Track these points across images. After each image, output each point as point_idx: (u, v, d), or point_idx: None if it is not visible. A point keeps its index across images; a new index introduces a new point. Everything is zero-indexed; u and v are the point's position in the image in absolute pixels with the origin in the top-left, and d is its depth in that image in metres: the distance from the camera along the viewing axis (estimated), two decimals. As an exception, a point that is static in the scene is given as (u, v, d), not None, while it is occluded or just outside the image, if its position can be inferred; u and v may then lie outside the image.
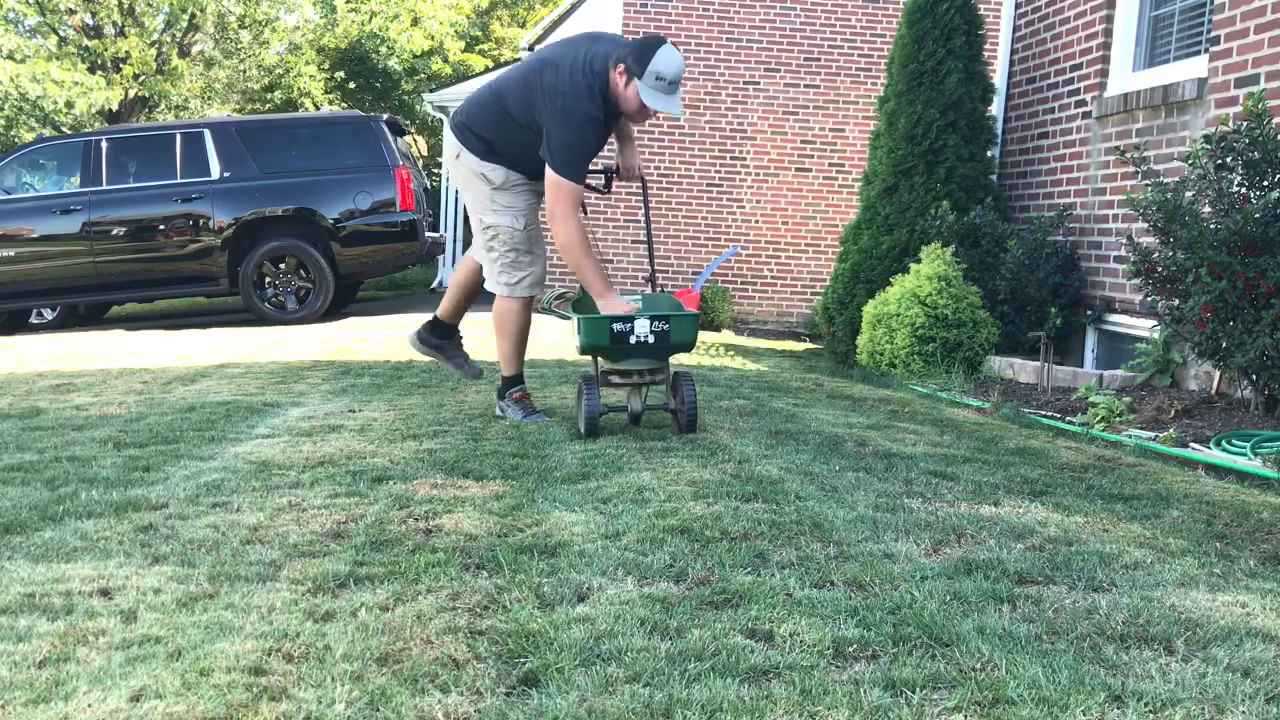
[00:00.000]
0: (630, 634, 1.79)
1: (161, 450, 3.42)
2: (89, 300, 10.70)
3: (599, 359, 3.80)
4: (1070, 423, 4.44)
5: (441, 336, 4.50)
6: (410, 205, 9.96)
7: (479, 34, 24.90)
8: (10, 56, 15.35)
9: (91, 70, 16.22)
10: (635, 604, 1.94)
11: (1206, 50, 5.16)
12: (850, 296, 6.94)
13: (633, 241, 11.82)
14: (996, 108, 7.26)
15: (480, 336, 8.04)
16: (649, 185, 4.35)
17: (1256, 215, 4.02)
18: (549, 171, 3.75)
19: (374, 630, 1.81)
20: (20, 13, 16.14)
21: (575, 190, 3.77)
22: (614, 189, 4.56)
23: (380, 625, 1.83)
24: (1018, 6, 7.32)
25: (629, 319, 3.59)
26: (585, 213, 4.05)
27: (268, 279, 9.81)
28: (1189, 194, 4.32)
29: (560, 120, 3.71)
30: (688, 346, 3.76)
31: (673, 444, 3.55)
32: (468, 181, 4.06)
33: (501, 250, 3.99)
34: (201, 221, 9.79)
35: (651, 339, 3.60)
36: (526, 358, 4.25)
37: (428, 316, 4.59)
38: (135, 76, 16.45)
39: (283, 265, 9.79)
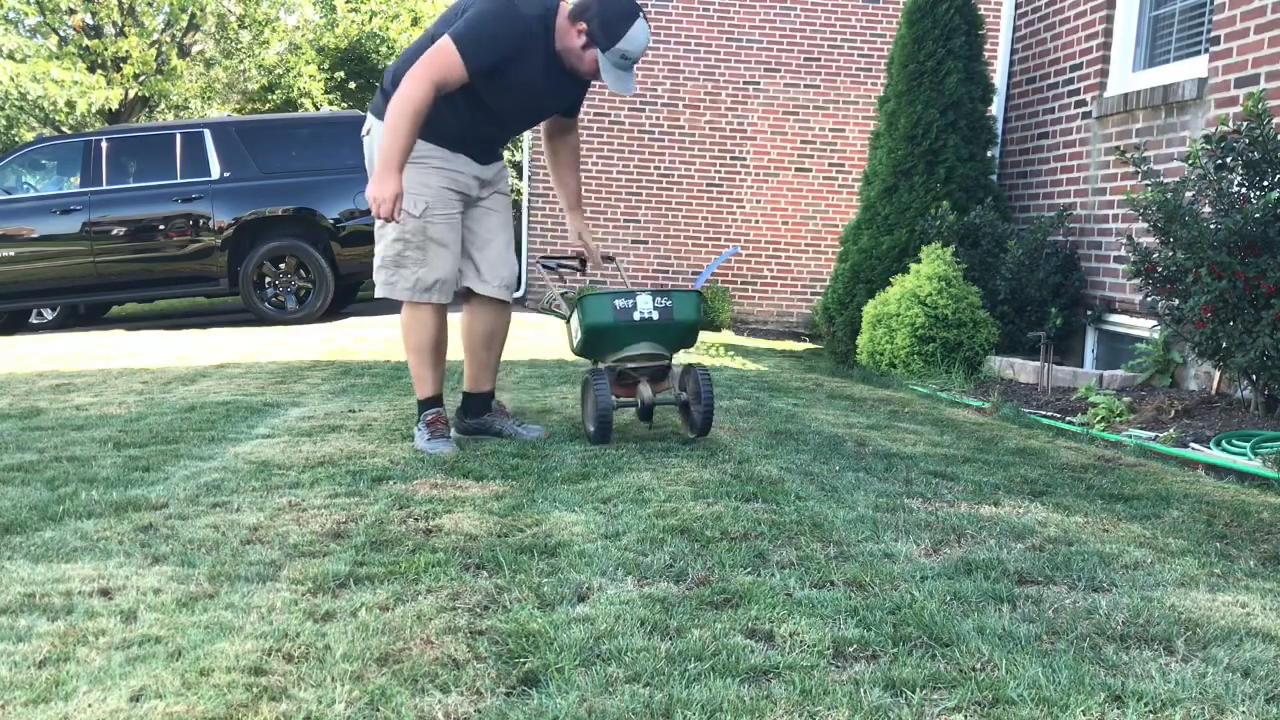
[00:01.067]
0: (630, 634, 1.79)
1: (161, 450, 3.42)
2: (89, 300, 10.70)
3: (598, 359, 3.65)
4: (1070, 423, 4.44)
5: (477, 411, 3.73)
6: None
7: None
8: (10, 56, 15.35)
9: (91, 70, 16.21)
10: (635, 604, 1.94)
11: (1206, 50, 5.16)
12: (850, 296, 6.94)
13: (633, 241, 11.81)
14: (996, 108, 7.26)
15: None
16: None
17: (1256, 215, 4.02)
18: (443, 35, 3.18)
19: (374, 630, 1.81)
20: (21, 12, 16.14)
21: (453, 62, 3.15)
22: (613, 189, 4.43)
23: (380, 625, 1.83)
24: (1018, 6, 7.32)
25: (630, 294, 3.47)
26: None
27: (268, 279, 9.81)
28: (1189, 194, 4.32)
29: (485, 4, 3.21)
30: (692, 329, 3.59)
31: (672, 444, 3.54)
32: (373, 161, 3.36)
33: (388, 239, 3.35)
34: (201, 221, 9.79)
35: (655, 315, 3.48)
36: (529, 357, 4.14)
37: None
38: (135, 76, 16.45)
39: (283, 265, 9.79)
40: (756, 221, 11.99)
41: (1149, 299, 4.59)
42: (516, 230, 19.82)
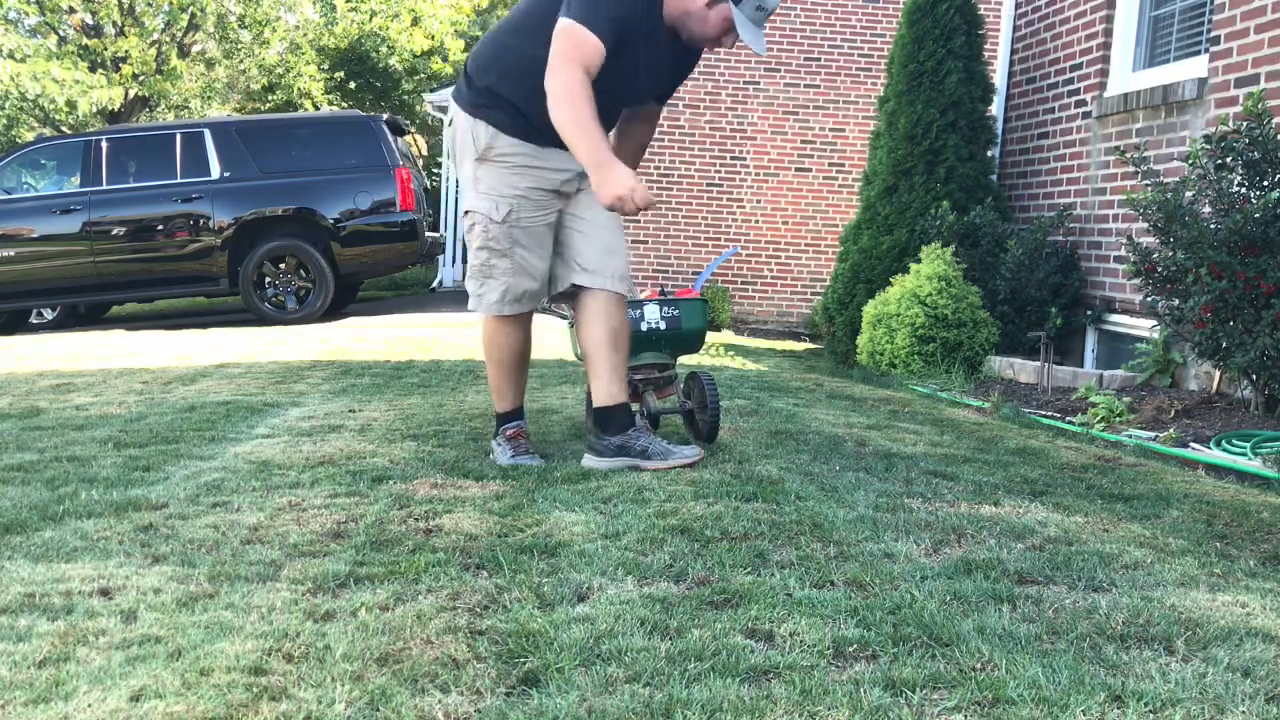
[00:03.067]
0: (630, 634, 1.79)
1: (161, 450, 3.42)
2: (89, 300, 10.71)
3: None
4: (1070, 423, 4.44)
5: (620, 427, 3.15)
6: (410, 205, 9.96)
7: (479, 34, 24.90)
8: (10, 56, 15.35)
9: (92, 69, 16.22)
10: (635, 604, 1.94)
11: (1206, 50, 5.16)
12: (850, 296, 6.94)
13: (633, 241, 11.81)
14: (996, 108, 7.26)
15: (480, 337, 8.02)
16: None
17: (1256, 215, 4.02)
18: (560, 20, 2.89)
19: (374, 630, 1.81)
20: (21, 11, 16.14)
21: (590, 42, 2.86)
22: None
23: (380, 625, 1.83)
24: (1018, 6, 7.32)
25: (638, 304, 3.38)
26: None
27: (268, 279, 9.81)
28: (1189, 194, 4.32)
29: None
30: (699, 336, 3.52)
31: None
32: (458, 156, 3.18)
33: (474, 247, 3.15)
34: (201, 221, 9.79)
35: (663, 324, 3.40)
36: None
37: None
38: (135, 76, 16.45)
39: (283, 265, 9.80)
40: (756, 221, 11.99)
41: (1149, 299, 4.59)
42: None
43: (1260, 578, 2.22)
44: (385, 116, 10.48)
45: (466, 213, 3.16)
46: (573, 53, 2.87)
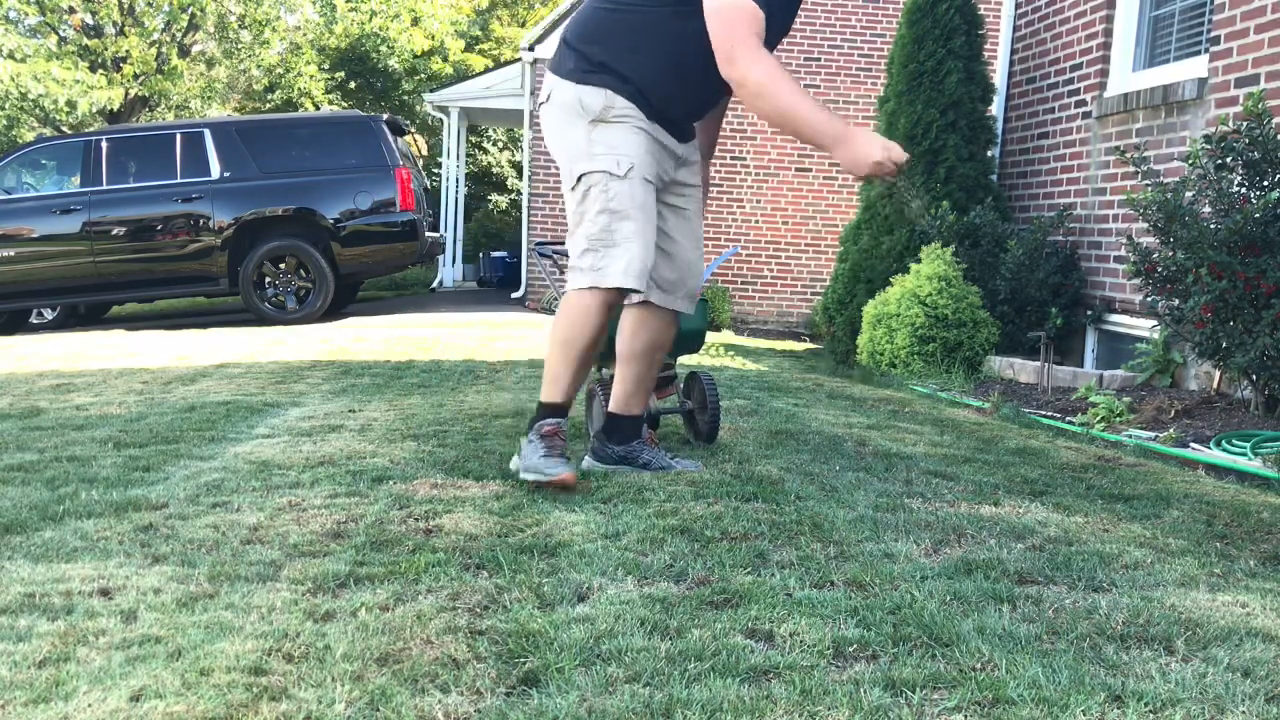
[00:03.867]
0: (630, 634, 1.79)
1: (161, 450, 3.42)
2: (89, 300, 10.71)
3: (602, 366, 3.56)
4: (1070, 423, 4.44)
5: (625, 438, 3.10)
6: (410, 205, 9.97)
7: (479, 33, 24.91)
8: (11, 56, 15.36)
9: (92, 69, 16.23)
10: (635, 604, 1.94)
11: (1206, 50, 5.16)
12: (850, 296, 6.95)
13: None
14: (996, 108, 7.26)
15: (480, 337, 8.03)
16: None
17: (1256, 215, 4.02)
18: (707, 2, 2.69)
19: (374, 630, 1.81)
20: (21, 11, 16.15)
21: (759, 17, 2.68)
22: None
23: (380, 625, 1.83)
24: (1018, 6, 7.32)
25: None
26: None
27: (268, 279, 9.82)
28: (1189, 194, 4.32)
29: None
30: (699, 336, 3.51)
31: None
32: (559, 130, 2.91)
33: (593, 212, 2.81)
34: (201, 221, 9.79)
35: None
36: (528, 357, 3.93)
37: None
38: (135, 76, 16.46)
39: (283, 265, 9.80)
40: (756, 221, 11.99)
41: (1149, 299, 4.59)
42: (515, 232, 19.75)
43: (1260, 578, 2.22)
44: (385, 116, 10.48)
45: (580, 179, 2.83)
46: (751, 30, 2.66)
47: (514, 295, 13.62)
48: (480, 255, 17.89)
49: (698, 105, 2.99)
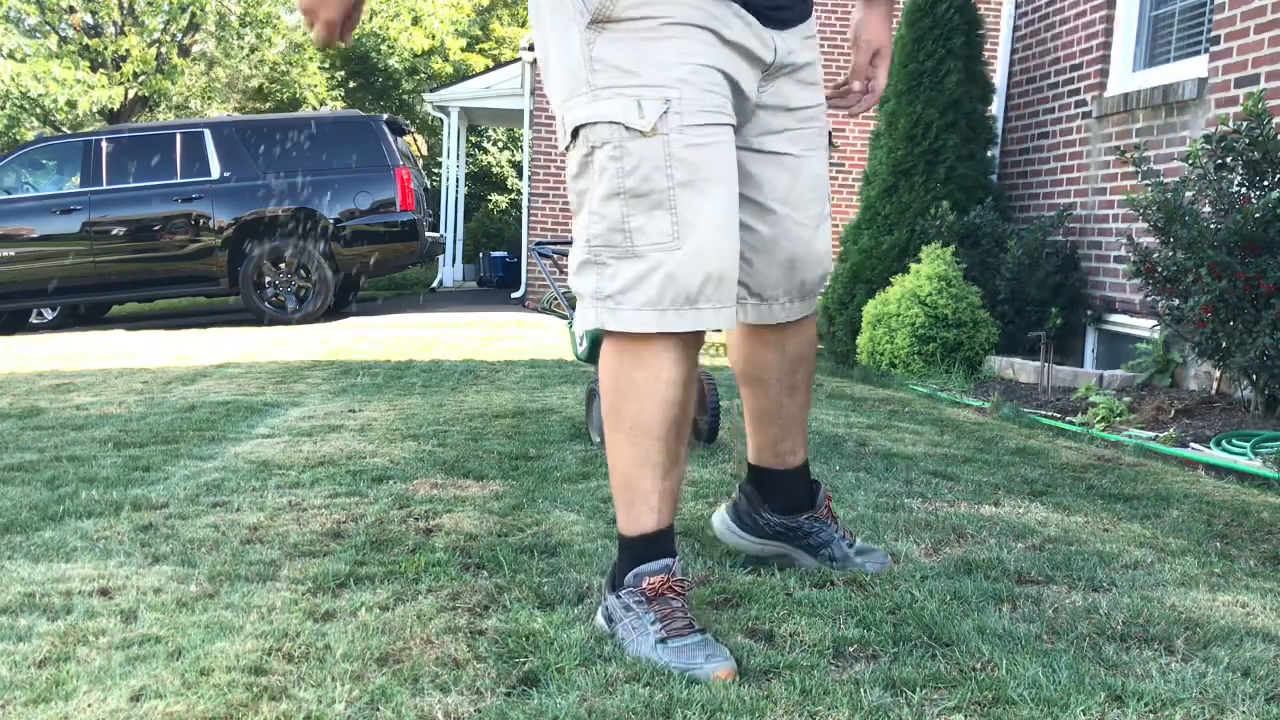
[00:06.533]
0: (630, 634, 1.79)
1: (161, 450, 3.42)
2: (89, 300, 10.71)
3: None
4: (1070, 423, 4.44)
5: (786, 502, 2.12)
6: (410, 205, 9.97)
7: (480, 33, 24.92)
8: (11, 55, 15.36)
9: (93, 69, 16.23)
10: (635, 604, 1.94)
11: (1206, 50, 5.16)
12: (850, 296, 6.94)
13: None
14: (996, 108, 7.26)
15: (480, 337, 8.03)
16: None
17: (1256, 215, 4.02)
18: None
19: (374, 630, 1.81)
20: (22, 11, 16.15)
21: None
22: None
23: (380, 625, 1.83)
24: (1018, 6, 7.32)
25: None
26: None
27: (268, 279, 9.82)
28: (1189, 194, 4.32)
29: None
30: None
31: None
32: (545, 42, 1.76)
33: (598, 196, 1.69)
34: (201, 221, 9.80)
35: None
36: (529, 357, 3.62)
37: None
38: (135, 75, 16.46)
39: (283, 265, 9.80)
40: (756, 221, 11.98)
41: (1149, 299, 4.59)
42: (515, 232, 19.73)
43: (1260, 578, 2.22)
44: (385, 116, 10.49)
45: (576, 134, 1.71)
46: None
47: (514, 295, 13.63)
48: (480, 255, 17.90)
49: None
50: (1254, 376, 4.25)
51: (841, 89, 2.00)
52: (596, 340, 3.40)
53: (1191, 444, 3.88)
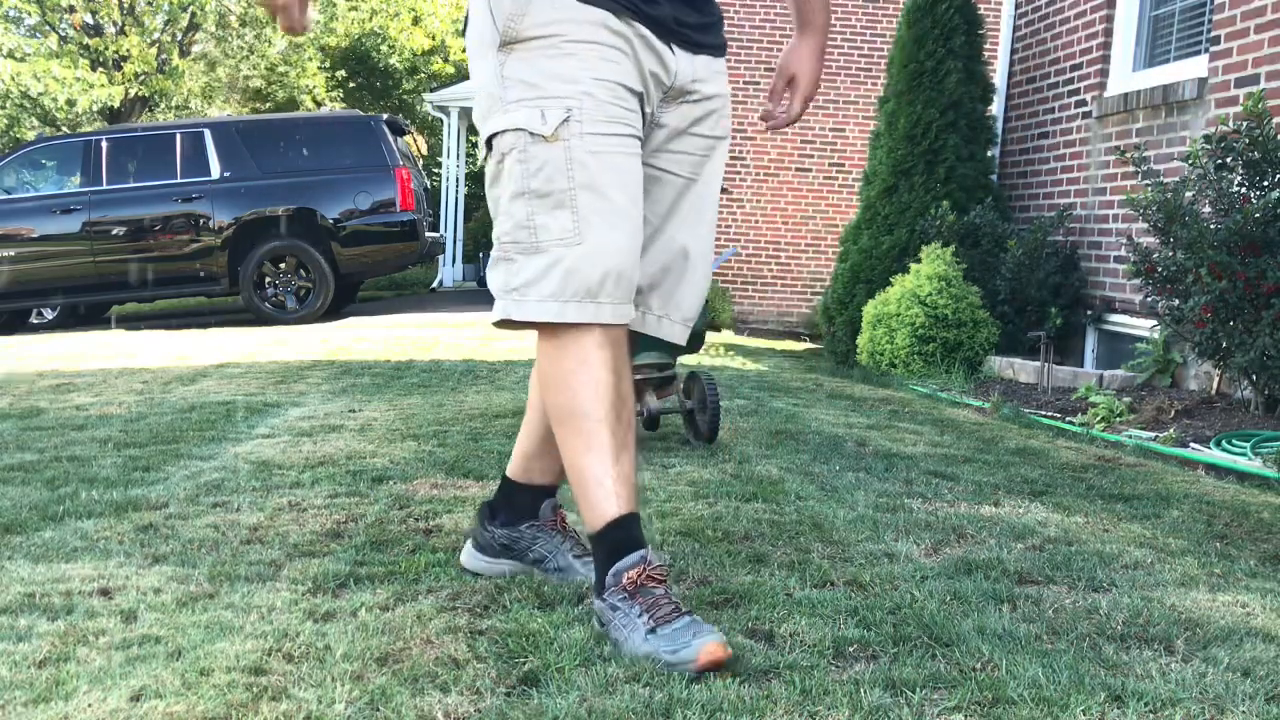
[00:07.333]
0: (630, 634, 1.79)
1: (161, 450, 3.42)
2: (89, 300, 10.71)
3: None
4: (1070, 423, 4.44)
5: (515, 516, 2.12)
6: (410, 205, 9.97)
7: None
8: (11, 55, 15.37)
9: (93, 68, 16.24)
10: (635, 604, 1.94)
11: (1206, 50, 5.16)
12: (850, 296, 6.94)
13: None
14: (996, 108, 7.26)
15: (480, 337, 8.03)
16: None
17: (1257, 215, 4.02)
18: None
19: (374, 630, 1.81)
20: (22, 10, 16.15)
21: None
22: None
23: (380, 625, 1.83)
24: (1018, 6, 7.32)
25: None
26: None
27: (268, 279, 9.82)
28: (1189, 194, 4.32)
29: None
30: (698, 336, 3.49)
31: (673, 444, 3.54)
32: (473, 67, 1.89)
33: (506, 198, 1.81)
34: (201, 221, 9.80)
35: None
36: (528, 357, 3.45)
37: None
38: (136, 75, 16.47)
39: (283, 265, 9.80)
40: (756, 221, 11.99)
41: (1149, 299, 4.59)
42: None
43: (1260, 578, 2.22)
44: (385, 116, 10.49)
45: (490, 143, 1.83)
46: None
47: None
48: (480, 255, 17.90)
49: None
50: (1254, 376, 4.25)
51: (763, 109, 2.10)
52: None
53: (1191, 444, 3.88)
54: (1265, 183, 4.13)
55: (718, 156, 1.98)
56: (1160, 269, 4.38)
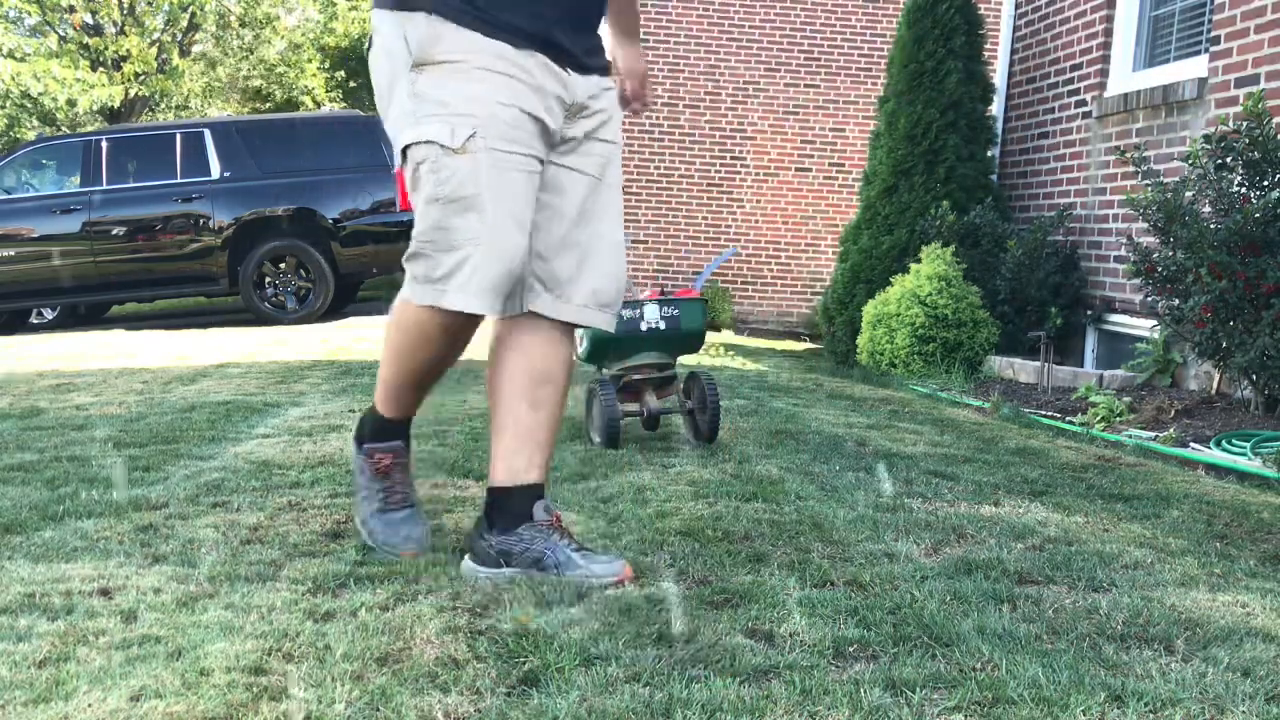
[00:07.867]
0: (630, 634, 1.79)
1: (161, 450, 3.42)
2: (89, 300, 10.70)
3: (601, 366, 3.56)
4: (1070, 423, 4.44)
5: (512, 520, 2.16)
6: (410, 205, 9.96)
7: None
8: (11, 55, 15.37)
9: (93, 68, 16.24)
10: (636, 604, 1.94)
11: (1206, 50, 5.16)
12: (850, 296, 6.94)
13: (632, 241, 11.80)
14: (996, 108, 7.26)
15: (480, 336, 8.02)
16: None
17: (1256, 215, 4.02)
18: None
19: (374, 630, 1.81)
20: (22, 10, 16.15)
21: None
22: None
23: (380, 625, 1.83)
24: (1018, 6, 7.32)
25: (637, 304, 3.40)
26: None
27: (268, 279, 9.81)
28: (1189, 194, 4.32)
29: None
30: (699, 337, 3.53)
31: (673, 444, 3.54)
32: (381, 85, 2.13)
33: (420, 204, 2.07)
34: (201, 221, 9.79)
35: (662, 324, 3.41)
36: None
37: None
38: (136, 75, 16.46)
39: (283, 265, 9.80)
40: (756, 221, 11.99)
41: (1149, 299, 4.59)
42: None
43: (1260, 578, 2.22)
44: (385, 116, 10.47)
45: (405, 153, 2.07)
46: None
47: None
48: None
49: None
50: (1254, 376, 4.25)
51: (626, 104, 2.44)
52: (596, 340, 3.43)
53: (1191, 444, 3.88)
54: (1265, 183, 4.13)
55: (616, 160, 2.27)
56: (1160, 269, 4.38)
